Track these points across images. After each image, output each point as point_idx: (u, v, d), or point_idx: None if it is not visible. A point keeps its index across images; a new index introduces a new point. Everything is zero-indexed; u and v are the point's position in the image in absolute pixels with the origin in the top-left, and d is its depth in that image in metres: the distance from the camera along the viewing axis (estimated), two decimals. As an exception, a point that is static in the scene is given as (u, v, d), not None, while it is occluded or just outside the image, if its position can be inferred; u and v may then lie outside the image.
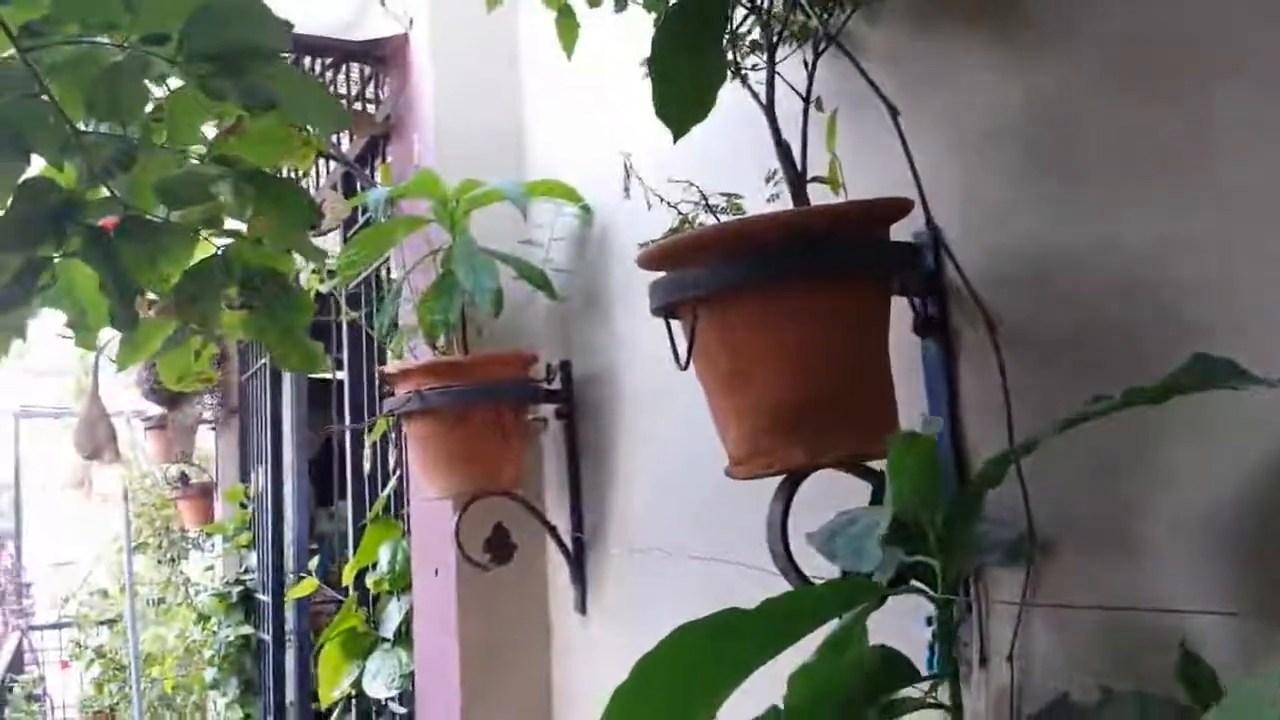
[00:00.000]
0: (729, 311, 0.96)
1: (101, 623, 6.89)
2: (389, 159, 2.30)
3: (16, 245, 1.31)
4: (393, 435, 2.56)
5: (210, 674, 4.72)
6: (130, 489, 4.92)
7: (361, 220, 2.47)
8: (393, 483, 2.41)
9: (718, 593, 1.47)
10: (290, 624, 4.23)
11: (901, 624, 0.98)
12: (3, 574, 4.99)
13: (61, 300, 1.42)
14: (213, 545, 5.47)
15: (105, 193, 1.37)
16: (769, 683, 0.79)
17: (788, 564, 0.99)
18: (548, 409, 1.92)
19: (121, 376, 6.60)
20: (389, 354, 2.10)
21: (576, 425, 1.88)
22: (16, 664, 7.56)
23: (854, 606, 0.80)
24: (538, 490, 1.97)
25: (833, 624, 0.79)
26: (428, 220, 1.80)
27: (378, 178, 2.26)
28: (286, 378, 4.34)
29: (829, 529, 0.82)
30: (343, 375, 4.60)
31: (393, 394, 1.81)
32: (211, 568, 5.46)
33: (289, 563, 4.27)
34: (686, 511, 1.52)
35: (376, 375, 2.86)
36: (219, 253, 1.44)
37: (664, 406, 1.61)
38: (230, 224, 1.45)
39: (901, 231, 1.05)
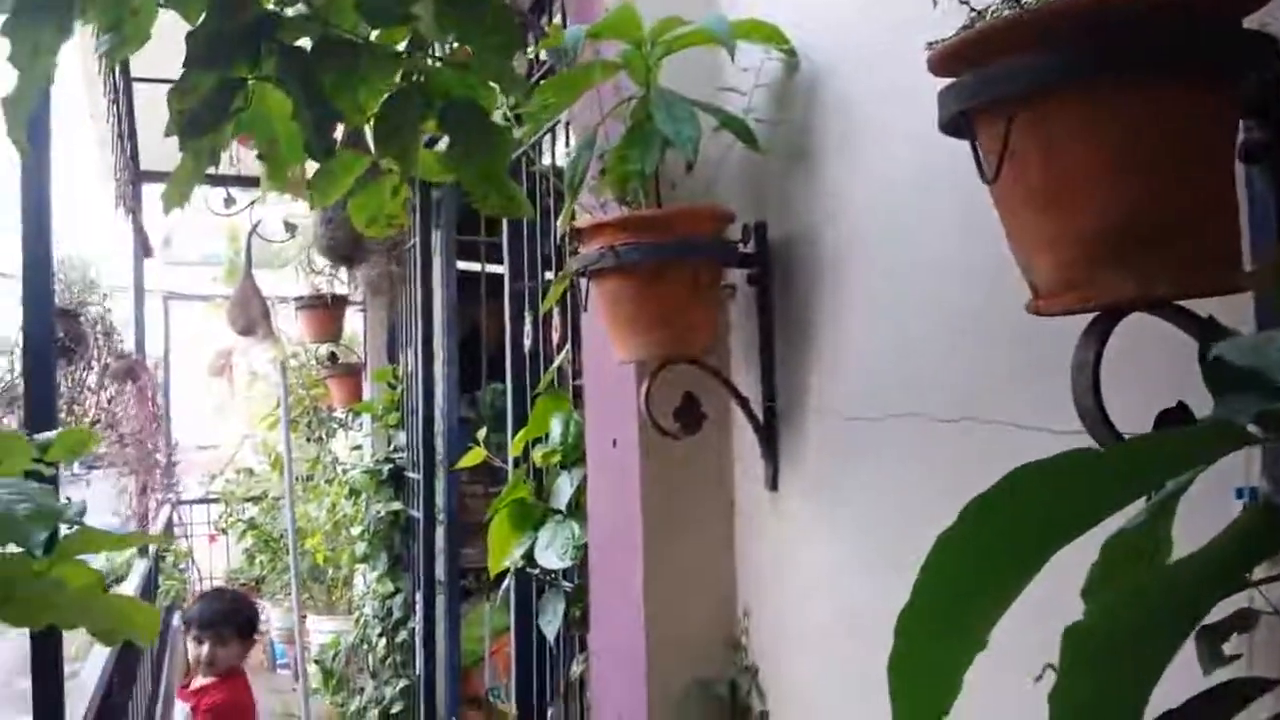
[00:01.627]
0: (1048, 113, 0.80)
1: (248, 499, 7.18)
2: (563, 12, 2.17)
3: (209, 63, 1.23)
4: (556, 311, 2.48)
5: (360, 548, 4.85)
6: (281, 367, 5.02)
7: (539, 71, 2.35)
8: (564, 353, 2.33)
9: (933, 464, 1.34)
10: (440, 501, 4.28)
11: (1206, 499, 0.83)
12: (155, 452, 5.22)
13: (254, 126, 1.34)
14: (360, 425, 5.59)
15: (303, 8, 1.27)
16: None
17: (1099, 419, 0.85)
18: (738, 275, 1.79)
19: (273, 260, 6.71)
20: (560, 218, 2.00)
21: (772, 291, 1.75)
22: (168, 535, 7.98)
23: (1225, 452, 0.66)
24: (724, 362, 1.85)
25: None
26: (621, 65, 1.67)
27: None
28: (436, 263, 4.32)
29: (1249, 342, 0.67)
30: (493, 268, 4.58)
31: (575, 253, 1.70)
32: (359, 447, 5.59)
33: (439, 443, 4.30)
34: (914, 374, 1.38)
35: (538, 252, 2.78)
36: (418, 79, 1.34)
37: (884, 265, 1.47)
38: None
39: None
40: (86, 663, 2.91)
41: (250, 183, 5.05)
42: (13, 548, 0.92)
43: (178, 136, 1.24)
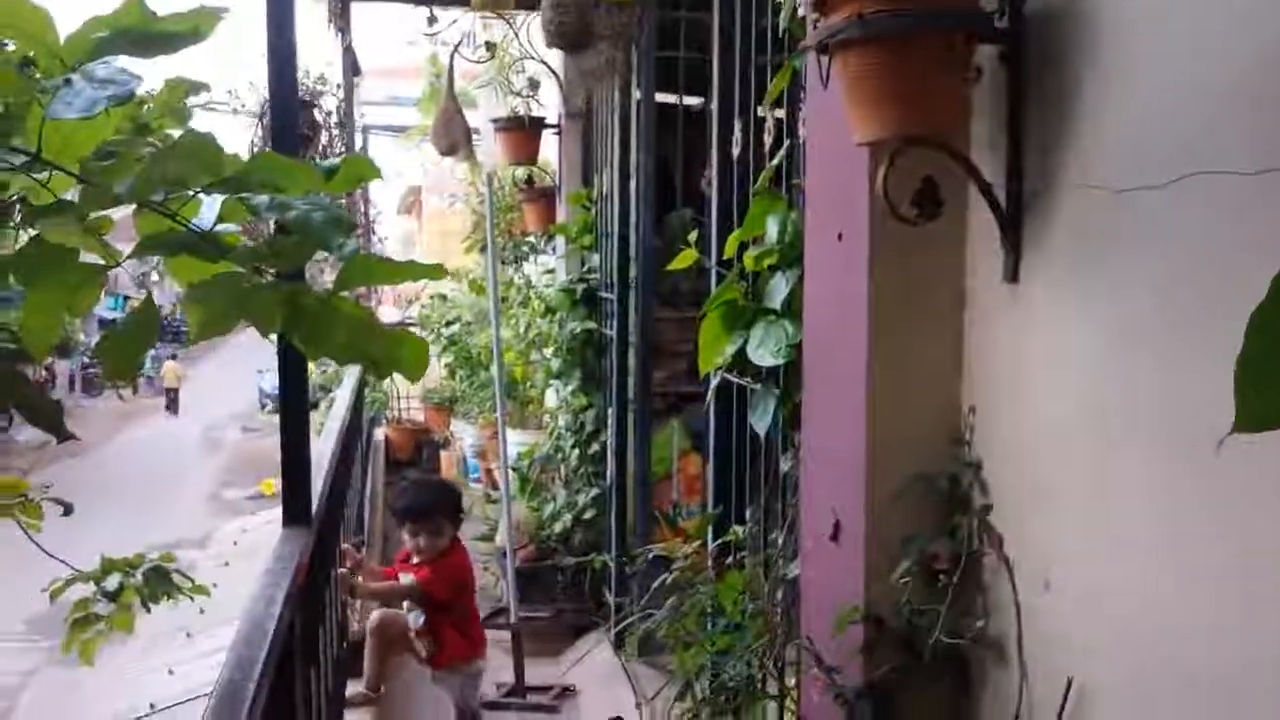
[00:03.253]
0: None
1: (446, 324, 7.46)
2: None
3: None
4: (769, 116, 2.41)
5: (555, 364, 5.00)
6: (487, 181, 5.12)
7: None
8: (782, 152, 2.27)
9: (1227, 232, 1.24)
10: (633, 322, 4.35)
11: None
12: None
13: None
14: (554, 248, 5.69)
15: None
16: None
17: None
18: (986, 54, 1.68)
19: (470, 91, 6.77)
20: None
21: (1025, 67, 1.64)
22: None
23: None
24: (963, 146, 1.76)
25: None
26: None
27: None
28: (632, 83, 4.25)
29: None
30: (689, 100, 4.47)
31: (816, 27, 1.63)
32: (551, 270, 5.71)
33: (633, 265, 4.33)
34: (1207, 128, 1.27)
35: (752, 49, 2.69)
36: None
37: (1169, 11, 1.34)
38: None
39: None
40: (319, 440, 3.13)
41: (453, 2, 5.07)
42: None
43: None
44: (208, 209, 1.02)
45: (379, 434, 8.07)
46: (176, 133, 1.21)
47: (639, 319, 4.37)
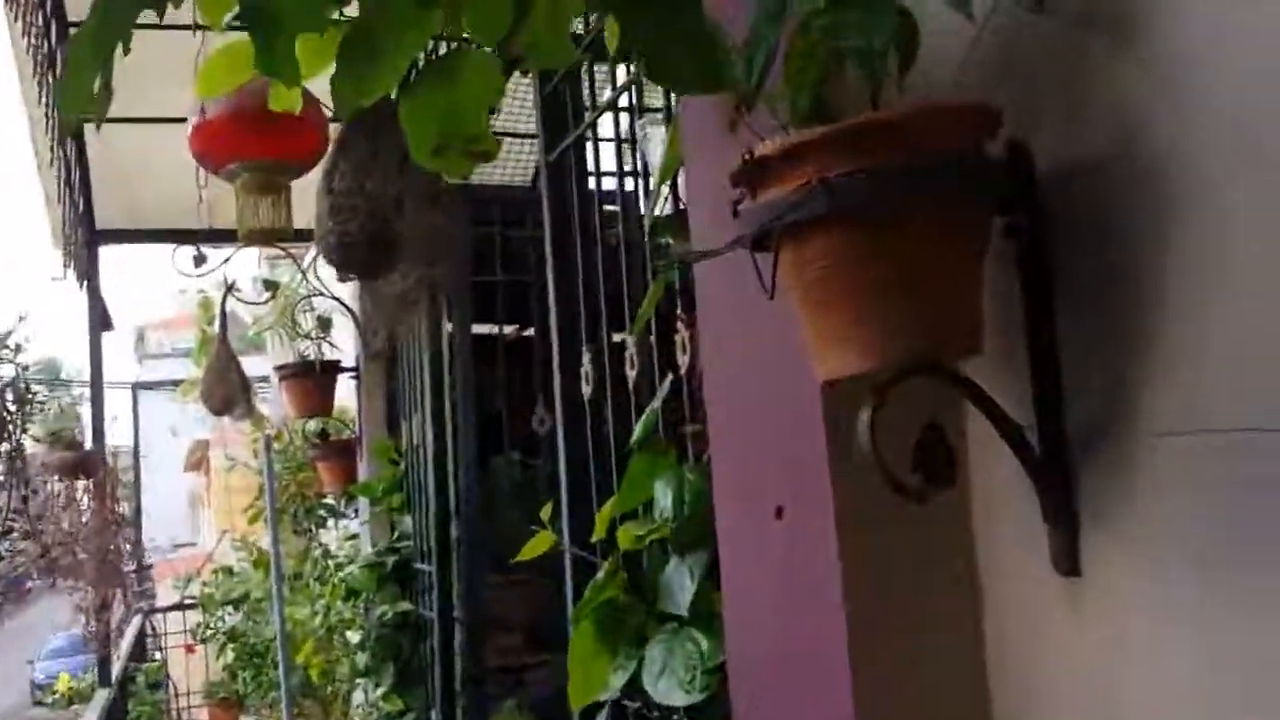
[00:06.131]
0: None
1: (228, 603, 6.39)
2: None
3: None
4: (632, 344, 1.83)
5: (361, 658, 4.10)
6: (265, 446, 4.33)
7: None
8: (665, 387, 1.65)
9: None
10: (458, 593, 3.59)
11: None
12: (123, 556, 4.53)
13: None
14: (355, 511, 4.87)
15: None
16: None
17: None
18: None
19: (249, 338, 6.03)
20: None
21: (1049, 247, 1.10)
22: (139, 650, 7.11)
23: None
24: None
25: None
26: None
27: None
28: (443, 313, 3.67)
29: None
30: (509, 329, 3.95)
31: (743, 205, 1.05)
32: (354, 536, 4.87)
33: (454, 526, 3.62)
34: None
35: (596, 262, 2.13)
36: None
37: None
38: None
39: None
40: None
41: (224, 238, 4.42)
42: None
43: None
44: None
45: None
46: None
47: (463, 588, 3.63)
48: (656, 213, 1.73)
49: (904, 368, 1.01)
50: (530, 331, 3.91)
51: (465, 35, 0.80)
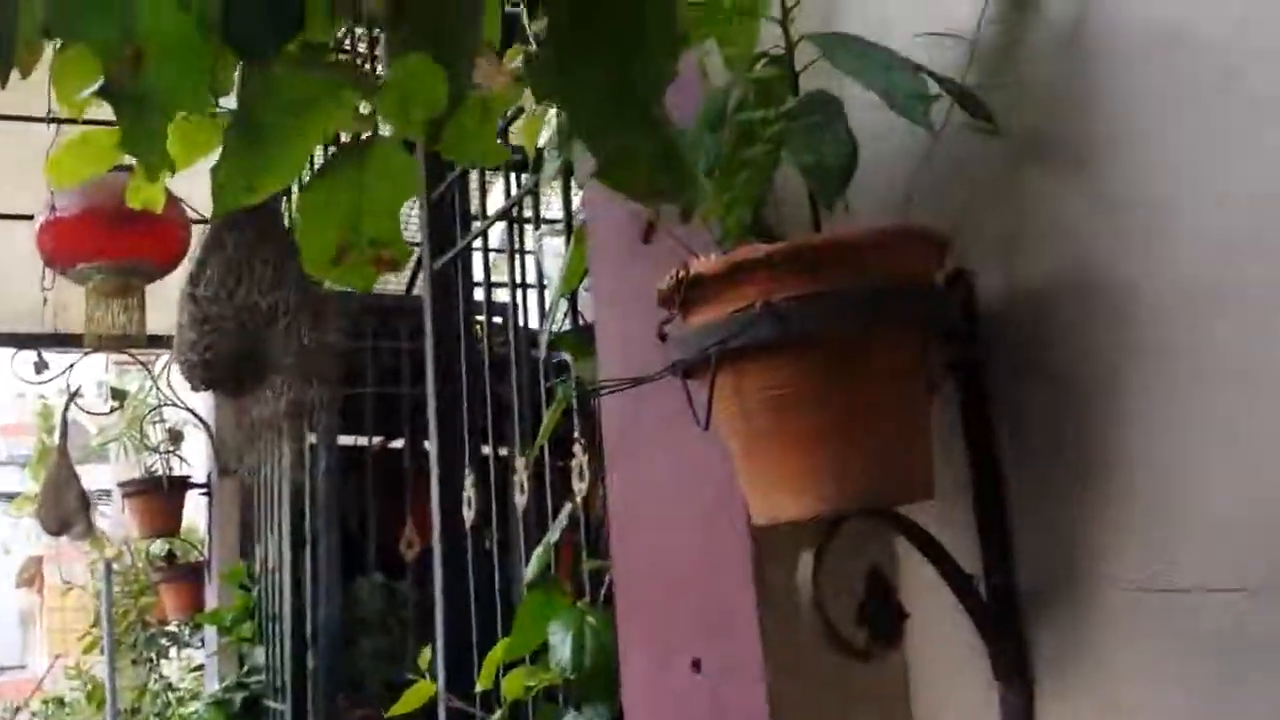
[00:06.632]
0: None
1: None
2: None
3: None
4: (521, 470, 1.70)
5: (204, 812, 3.72)
6: (105, 571, 3.98)
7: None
8: (561, 519, 1.52)
9: None
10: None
11: None
12: None
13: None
14: (202, 640, 4.49)
15: None
16: None
17: None
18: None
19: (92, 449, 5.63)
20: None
21: (994, 385, 1.02)
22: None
23: None
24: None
25: None
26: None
27: None
28: (305, 425, 3.45)
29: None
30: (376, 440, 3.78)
31: (666, 333, 0.94)
32: (200, 668, 4.48)
33: (311, 658, 3.35)
34: None
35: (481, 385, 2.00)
36: None
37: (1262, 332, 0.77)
38: None
39: None
40: None
41: (67, 342, 4.12)
42: None
43: None
44: None
45: None
46: None
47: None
48: (554, 328, 1.62)
49: (856, 511, 0.91)
50: (399, 443, 3.72)
51: (376, 124, 0.68)
